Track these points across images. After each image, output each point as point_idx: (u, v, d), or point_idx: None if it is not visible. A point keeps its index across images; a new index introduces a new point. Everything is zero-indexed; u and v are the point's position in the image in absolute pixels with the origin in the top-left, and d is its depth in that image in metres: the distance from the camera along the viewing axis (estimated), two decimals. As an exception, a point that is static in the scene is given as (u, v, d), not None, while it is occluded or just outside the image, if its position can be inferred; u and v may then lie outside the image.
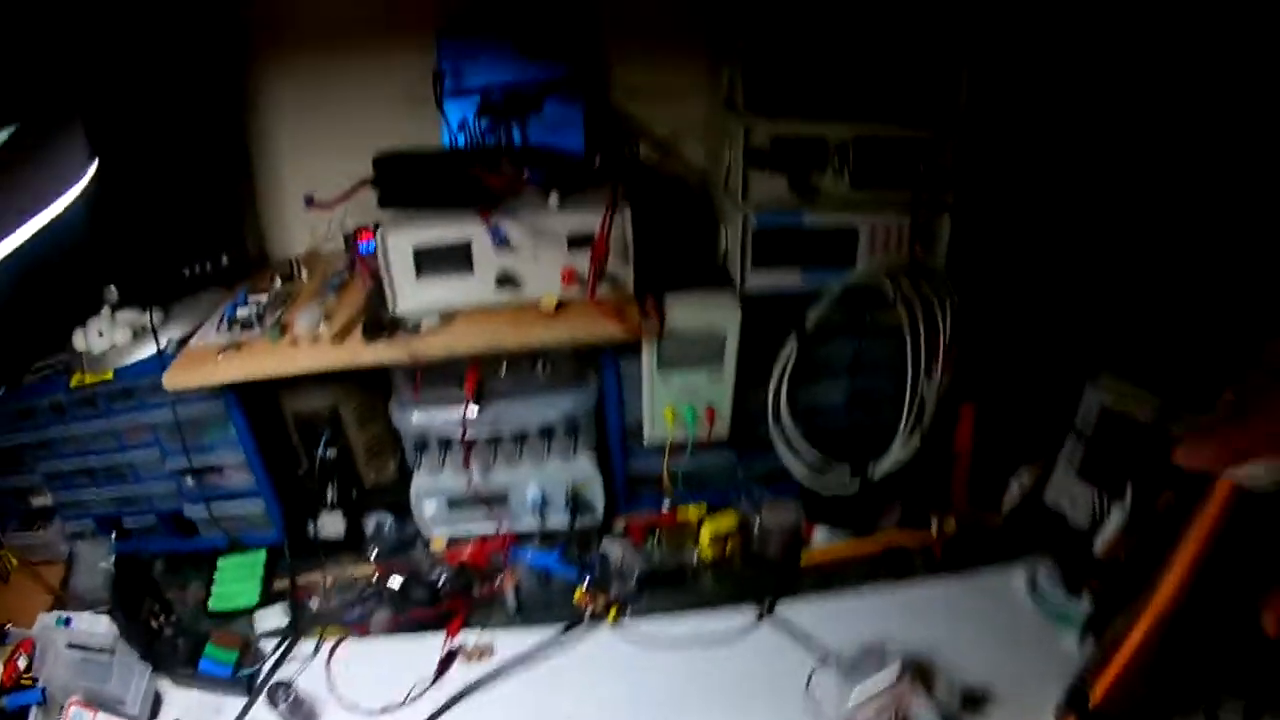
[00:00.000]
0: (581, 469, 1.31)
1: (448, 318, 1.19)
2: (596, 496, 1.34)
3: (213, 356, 1.19)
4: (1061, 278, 1.35)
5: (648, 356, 1.21)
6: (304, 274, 1.41)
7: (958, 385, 1.26)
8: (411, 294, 1.19)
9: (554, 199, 1.16)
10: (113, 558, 1.41)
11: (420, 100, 1.35)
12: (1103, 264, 1.34)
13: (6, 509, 1.50)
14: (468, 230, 1.15)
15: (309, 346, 1.18)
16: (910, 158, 1.15)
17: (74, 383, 1.29)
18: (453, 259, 1.17)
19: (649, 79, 1.45)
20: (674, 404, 1.25)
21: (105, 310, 1.32)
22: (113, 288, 1.33)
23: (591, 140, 1.36)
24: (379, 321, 1.17)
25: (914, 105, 1.15)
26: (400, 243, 1.16)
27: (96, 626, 1.20)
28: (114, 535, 1.43)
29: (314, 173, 1.35)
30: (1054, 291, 1.35)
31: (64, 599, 1.39)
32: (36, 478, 1.42)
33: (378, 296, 1.21)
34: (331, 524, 1.37)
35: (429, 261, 1.17)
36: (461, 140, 1.27)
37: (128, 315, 1.33)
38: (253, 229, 1.52)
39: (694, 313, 1.18)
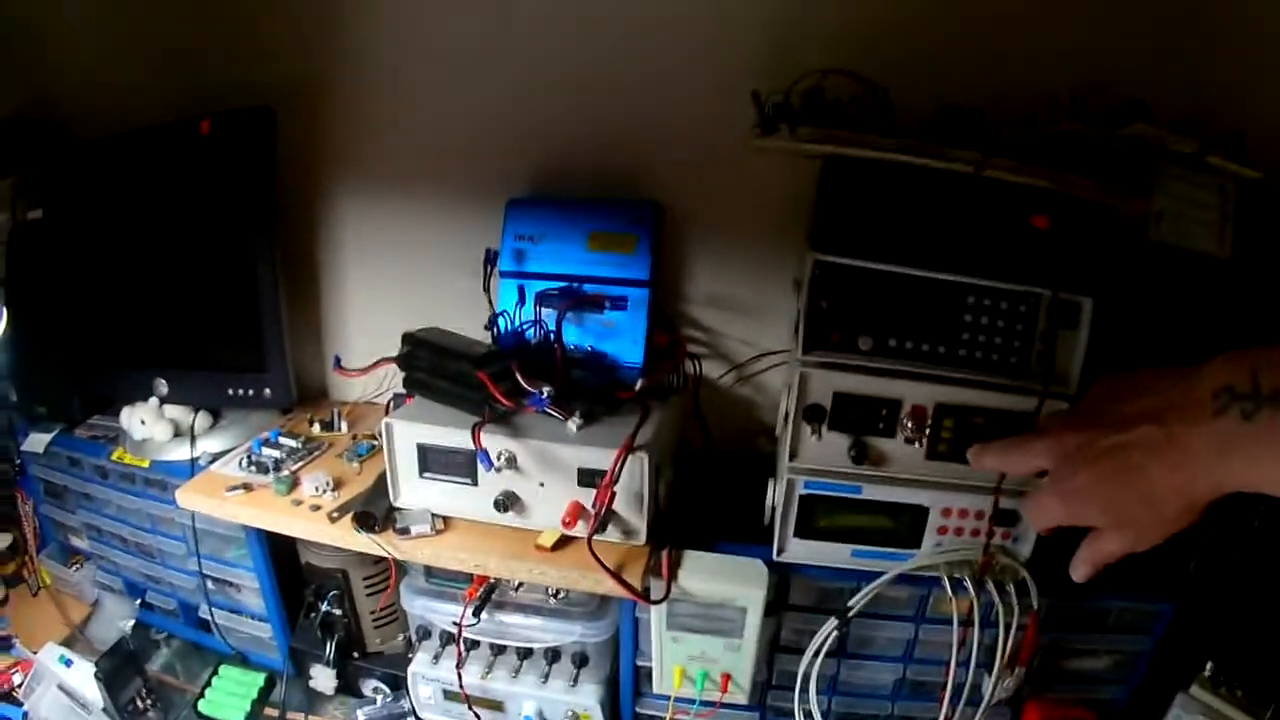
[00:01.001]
0: (584, 700, 1.16)
1: (444, 525, 1.07)
2: (598, 730, 1.18)
3: (222, 489, 1.15)
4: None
5: (656, 613, 1.03)
6: (344, 426, 1.34)
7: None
8: (412, 491, 1.07)
9: (573, 424, 1.00)
10: (132, 622, 1.43)
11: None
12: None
13: (50, 535, 1.54)
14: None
15: (308, 512, 1.12)
16: (1003, 430, 0.90)
17: (115, 456, 1.30)
18: (456, 465, 1.04)
19: (733, 289, 1.27)
20: (684, 665, 1.07)
21: (153, 401, 1.31)
22: (163, 381, 1.32)
23: (653, 353, 1.18)
24: (373, 513, 1.06)
25: (1012, 363, 0.92)
26: (405, 435, 1.05)
27: (89, 682, 1.23)
28: (139, 602, 1.44)
29: (378, 324, 1.37)
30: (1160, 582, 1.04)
31: (76, 640, 1.42)
32: (78, 521, 1.44)
33: (384, 482, 1.10)
34: (324, 679, 1.30)
35: (433, 461, 1.05)
36: (502, 326, 1.13)
37: (174, 411, 1.32)
38: (315, 364, 1.49)
39: (711, 579, 0.99)
